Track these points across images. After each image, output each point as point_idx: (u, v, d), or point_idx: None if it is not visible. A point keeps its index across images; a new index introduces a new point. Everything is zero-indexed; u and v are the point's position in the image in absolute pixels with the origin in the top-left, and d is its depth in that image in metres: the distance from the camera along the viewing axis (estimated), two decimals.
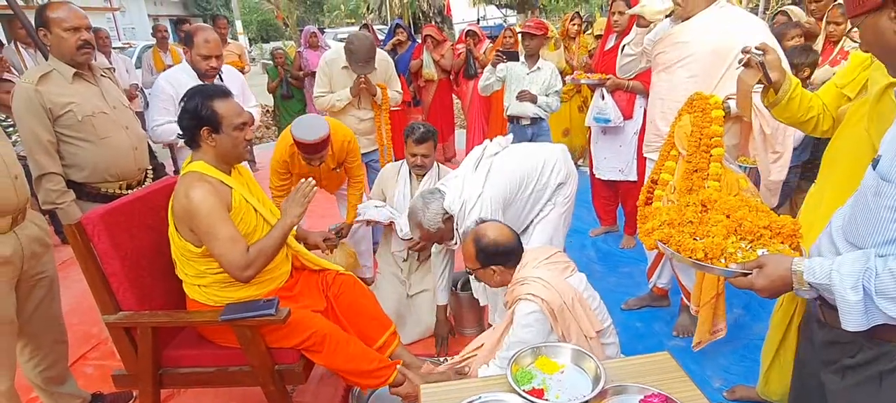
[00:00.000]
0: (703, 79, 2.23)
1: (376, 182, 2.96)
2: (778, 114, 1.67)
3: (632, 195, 3.64)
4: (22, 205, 1.87)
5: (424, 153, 2.69)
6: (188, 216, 1.76)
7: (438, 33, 5.83)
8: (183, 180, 1.81)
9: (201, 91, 1.88)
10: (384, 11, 25.68)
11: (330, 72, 3.42)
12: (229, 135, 1.84)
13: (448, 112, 6.13)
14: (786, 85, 1.58)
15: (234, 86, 2.96)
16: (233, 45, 5.93)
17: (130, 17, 23.92)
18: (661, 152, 2.28)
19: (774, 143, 2.13)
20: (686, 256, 1.22)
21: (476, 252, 1.90)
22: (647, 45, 2.50)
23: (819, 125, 1.66)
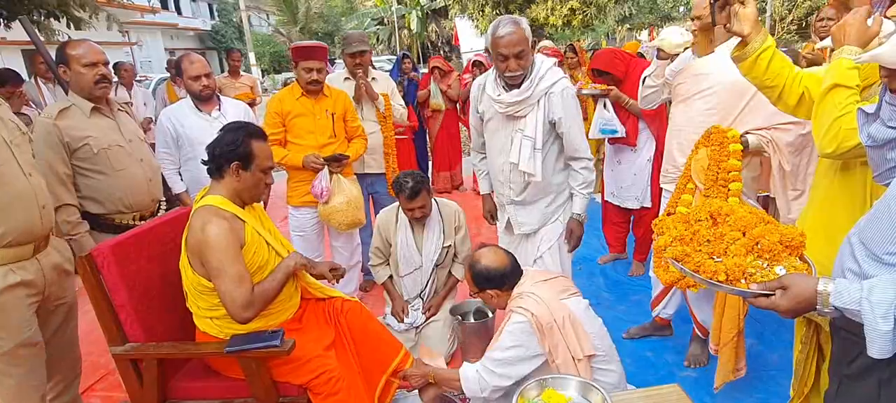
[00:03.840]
0: (720, 113, 2.22)
1: (376, 229, 2.91)
2: (745, 70, 1.62)
3: (645, 221, 3.63)
4: (46, 234, 1.91)
5: (420, 205, 2.63)
6: (201, 249, 1.79)
7: (445, 64, 5.93)
8: (199, 213, 1.84)
9: (246, 127, 1.96)
10: (394, 42, 26.22)
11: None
12: (255, 175, 1.92)
13: (455, 141, 6.18)
14: (755, 42, 1.53)
15: (240, 116, 3.02)
16: (245, 77, 6.06)
17: (148, 51, 24.57)
18: (677, 185, 2.27)
19: (795, 181, 2.11)
20: (706, 277, 1.20)
21: (472, 277, 1.96)
22: (668, 76, 2.49)
23: (783, 96, 1.60)
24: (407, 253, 2.79)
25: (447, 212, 2.83)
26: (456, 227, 2.85)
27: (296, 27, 23.92)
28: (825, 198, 1.53)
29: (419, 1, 24.68)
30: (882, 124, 1.18)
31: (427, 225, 2.77)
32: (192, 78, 2.85)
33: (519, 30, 2.16)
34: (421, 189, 2.62)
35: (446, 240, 2.81)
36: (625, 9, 15.61)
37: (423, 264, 2.81)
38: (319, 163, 2.85)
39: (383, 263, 2.94)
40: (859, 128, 1.25)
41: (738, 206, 1.29)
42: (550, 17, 14.50)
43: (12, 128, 1.86)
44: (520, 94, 2.26)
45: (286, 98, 2.95)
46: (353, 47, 3.34)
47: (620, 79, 3.44)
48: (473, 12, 15.87)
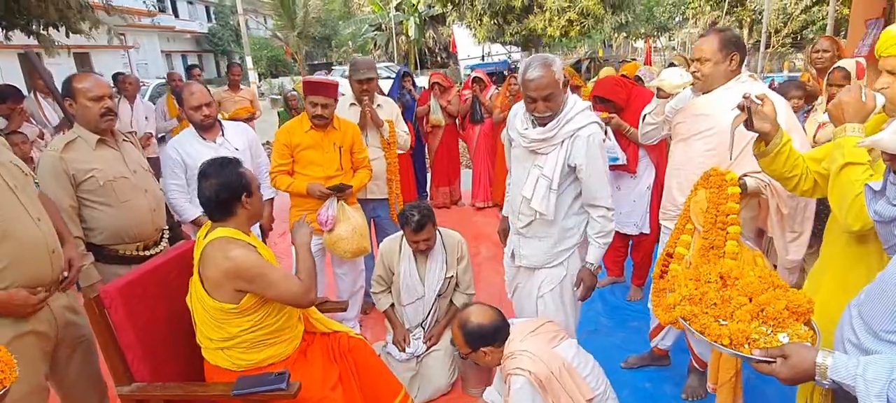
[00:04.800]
0: (719, 154, 2.22)
1: (379, 259, 2.93)
2: (765, 165, 1.72)
3: (643, 247, 3.68)
4: (56, 278, 1.93)
5: (425, 238, 2.66)
6: (233, 275, 1.83)
7: (445, 80, 5.96)
8: (212, 248, 1.87)
9: (230, 163, 2.00)
10: (391, 48, 26.27)
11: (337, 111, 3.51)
12: (257, 196, 2.03)
13: (454, 156, 6.21)
14: (776, 139, 1.63)
15: (243, 141, 3.07)
16: (245, 90, 6.07)
17: (144, 53, 24.46)
18: (676, 224, 2.29)
19: (793, 223, 2.14)
20: (711, 340, 1.24)
21: (463, 338, 1.98)
22: (668, 113, 2.50)
23: (800, 184, 1.71)
24: (410, 283, 2.81)
25: (450, 243, 2.85)
26: (458, 258, 2.87)
27: (293, 31, 23.88)
28: (841, 265, 1.55)
29: (417, 8, 24.74)
30: (888, 202, 1.22)
31: (430, 255, 2.79)
32: (193, 108, 2.87)
33: (549, 73, 2.09)
34: (427, 222, 2.64)
35: (449, 271, 2.83)
36: (622, 17, 15.70)
37: (426, 294, 2.83)
38: (325, 193, 2.87)
39: (385, 291, 2.96)
40: (867, 203, 1.29)
41: (748, 270, 1.32)
42: (548, 28, 14.56)
43: (15, 172, 1.86)
44: (543, 133, 2.24)
45: (296, 130, 2.97)
46: (361, 74, 3.35)
47: (622, 107, 3.49)
48: (471, 21, 15.91)
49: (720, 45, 2.22)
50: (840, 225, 1.46)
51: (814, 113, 3.35)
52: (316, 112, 2.88)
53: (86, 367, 2.14)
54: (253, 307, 1.91)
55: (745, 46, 2.31)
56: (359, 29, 26.92)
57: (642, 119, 2.64)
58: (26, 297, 1.78)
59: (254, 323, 1.93)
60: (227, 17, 31.30)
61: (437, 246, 2.79)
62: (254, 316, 1.93)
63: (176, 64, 29.81)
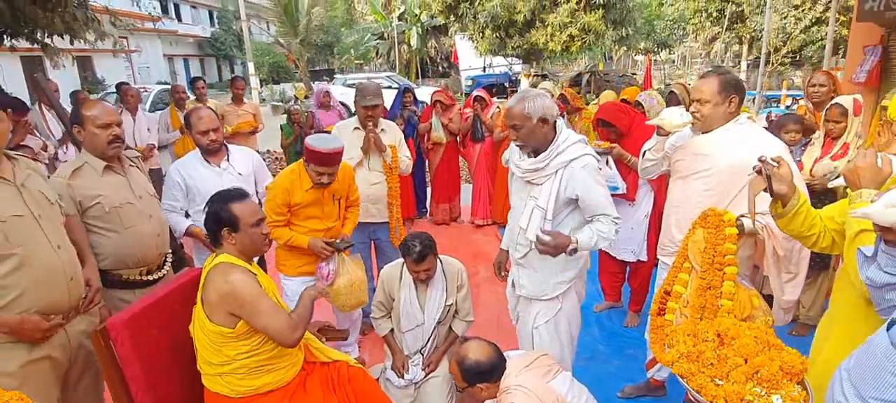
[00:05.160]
0: (717, 194, 2.27)
1: (379, 284, 2.93)
2: (783, 225, 1.77)
3: (641, 273, 3.72)
4: (75, 304, 1.98)
5: (426, 268, 2.67)
6: (229, 298, 1.89)
7: (448, 98, 6.01)
8: (217, 271, 1.95)
9: (220, 196, 2.07)
10: (393, 57, 26.38)
11: (340, 136, 3.49)
12: (247, 233, 2.04)
13: (455, 173, 6.25)
14: (794, 200, 1.68)
15: (248, 166, 3.10)
16: (248, 104, 6.11)
17: (146, 57, 24.57)
18: (674, 263, 2.32)
19: (788, 264, 2.18)
20: (707, 400, 1.28)
21: (461, 374, 2.01)
22: (668, 150, 2.55)
23: (818, 242, 1.76)
24: (410, 310, 2.83)
25: (450, 271, 2.88)
26: (458, 286, 2.89)
27: (296, 38, 23.98)
28: (849, 319, 1.58)
29: (419, 18, 24.86)
30: (879, 269, 1.26)
31: (431, 283, 2.81)
32: (201, 133, 2.91)
33: (519, 107, 2.25)
34: (428, 253, 2.65)
35: (449, 299, 2.86)
36: (622, 31, 15.81)
37: (426, 321, 2.86)
38: (329, 251, 2.86)
39: (385, 316, 2.98)
40: (859, 267, 1.33)
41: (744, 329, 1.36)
42: (550, 43, 14.64)
43: (40, 199, 1.91)
44: (534, 164, 2.32)
45: (295, 189, 2.82)
46: (368, 101, 3.38)
47: (623, 133, 3.54)
48: (474, 33, 16.00)
49: (720, 88, 2.27)
50: (852, 283, 1.49)
51: (811, 146, 3.40)
52: (321, 180, 2.79)
53: (92, 391, 2.17)
54: (248, 332, 1.96)
55: (744, 89, 2.35)
56: (361, 37, 27.01)
57: (642, 155, 2.68)
58: (38, 322, 1.82)
59: (251, 348, 1.98)
60: (229, 22, 31.42)
61: (438, 274, 2.81)
62: (251, 340, 1.97)
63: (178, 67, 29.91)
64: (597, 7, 14.18)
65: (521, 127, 2.26)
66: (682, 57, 32.29)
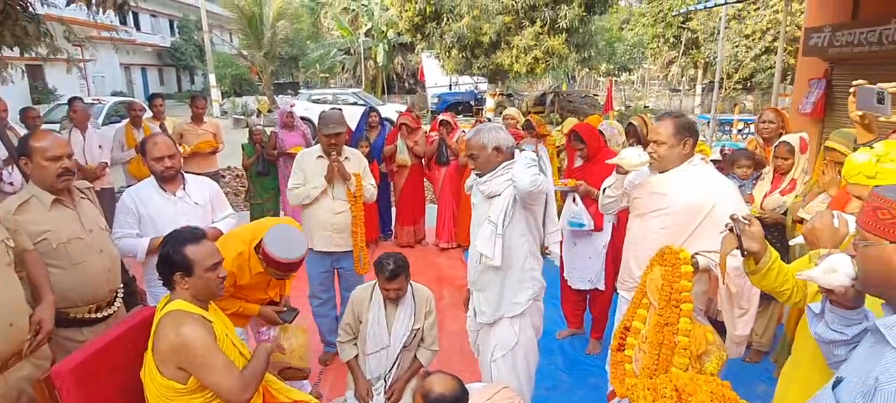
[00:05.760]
0: (673, 232, 2.35)
1: (349, 305, 2.92)
2: (756, 282, 1.80)
3: (600, 301, 3.79)
4: (16, 350, 1.86)
5: (396, 287, 2.70)
6: (180, 352, 1.80)
7: (413, 120, 6.03)
8: (168, 319, 1.85)
9: (173, 237, 1.98)
10: (359, 72, 26.30)
11: (304, 165, 3.47)
12: (202, 278, 1.94)
13: (419, 196, 6.25)
14: (765, 258, 1.71)
15: (205, 195, 2.98)
16: (208, 123, 5.95)
17: (101, 66, 23.65)
18: (633, 299, 2.39)
19: (740, 300, 2.27)
20: None
21: None
22: (627, 186, 2.64)
23: (792, 297, 1.80)
24: (376, 332, 2.83)
25: (420, 297, 2.89)
26: (426, 312, 2.91)
27: (260, 51, 23.63)
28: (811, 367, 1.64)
29: (386, 34, 24.92)
30: (826, 326, 1.32)
31: (400, 305, 2.82)
32: (155, 159, 2.79)
33: (475, 138, 2.50)
34: (401, 273, 2.69)
35: (416, 323, 2.87)
36: (585, 54, 16.27)
37: (391, 344, 2.85)
38: (279, 321, 2.76)
39: (351, 341, 2.94)
40: (809, 322, 1.39)
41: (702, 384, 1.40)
42: (515, 64, 14.92)
43: None
44: (482, 182, 2.53)
45: (243, 274, 2.57)
46: (331, 129, 3.34)
47: (591, 155, 3.65)
48: (440, 52, 16.14)
49: (675, 130, 2.36)
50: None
51: (761, 181, 3.55)
52: (280, 279, 2.70)
53: None
54: (201, 387, 1.88)
55: (697, 131, 2.45)
56: (327, 52, 26.84)
57: (603, 191, 2.76)
58: None
59: (205, 401, 1.90)
60: (191, 32, 30.72)
61: (408, 297, 2.83)
62: (204, 394, 1.90)
63: (135, 77, 29.00)
64: (560, 31, 14.54)
65: (477, 156, 2.49)
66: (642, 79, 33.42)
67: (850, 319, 1.29)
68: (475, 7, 14.39)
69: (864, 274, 1.17)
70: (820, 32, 6.48)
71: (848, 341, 1.30)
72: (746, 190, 3.58)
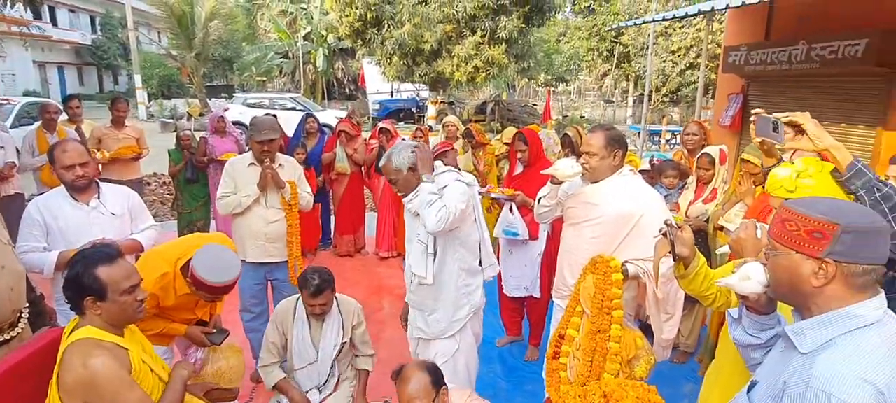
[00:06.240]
0: (605, 241, 2.43)
1: (271, 322, 2.78)
2: (685, 286, 1.89)
3: (536, 309, 3.85)
4: None
5: (322, 302, 2.62)
6: (87, 387, 1.63)
7: (353, 128, 5.93)
8: (74, 349, 1.67)
9: (84, 257, 1.79)
10: (298, 77, 25.66)
11: (234, 172, 3.32)
12: (116, 302, 1.76)
13: (359, 204, 6.15)
14: (694, 263, 1.81)
15: (122, 205, 2.78)
16: (130, 127, 5.58)
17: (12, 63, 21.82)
18: (567, 307, 2.44)
19: (666, 305, 2.37)
20: None
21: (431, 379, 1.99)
22: (561, 196, 2.71)
23: (716, 301, 1.90)
24: (302, 348, 2.75)
25: (347, 309, 2.83)
26: (354, 325, 2.85)
27: (191, 52, 22.57)
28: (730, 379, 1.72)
29: (326, 39, 24.48)
30: (744, 330, 1.39)
31: (326, 320, 2.75)
32: (65, 168, 2.56)
33: (388, 163, 2.51)
34: (326, 288, 2.63)
35: (344, 336, 2.82)
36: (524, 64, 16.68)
37: (320, 360, 2.78)
38: (207, 343, 2.56)
39: (276, 363, 2.81)
40: (729, 327, 1.45)
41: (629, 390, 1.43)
42: (456, 73, 15.06)
43: None
44: (407, 201, 2.53)
45: (167, 295, 2.39)
46: (263, 135, 3.19)
47: (533, 159, 3.71)
48: (381, 59, 16.03)
49: (605, 142, 2.45)
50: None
51: (686, 190, 3.75)
52: (209, 301, 2.52)
53: None
54: None
55: (626, 143, 2.55)
56: (264, 54, 25.99)
57: (538, 201, 2.82)
58: None
59: None
60: (114, 30, 28.93)
61: (334, 311, 2.78)
62: None
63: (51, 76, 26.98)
64: (500, 41, 14.82)
65: (397, 180, 2.51)
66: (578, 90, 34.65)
67: (763, 324, 1.36)
68: (416, 15, 14.40)
69: (774, 282, 1.23)
70: (737, 51, 6.95)
71: (762, 344, 1.38)
72: (673, 198, 3.77)
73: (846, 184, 1.62)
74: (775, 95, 6.57)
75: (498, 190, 3.76)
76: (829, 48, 5.21)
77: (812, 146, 1.66)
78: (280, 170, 3.32)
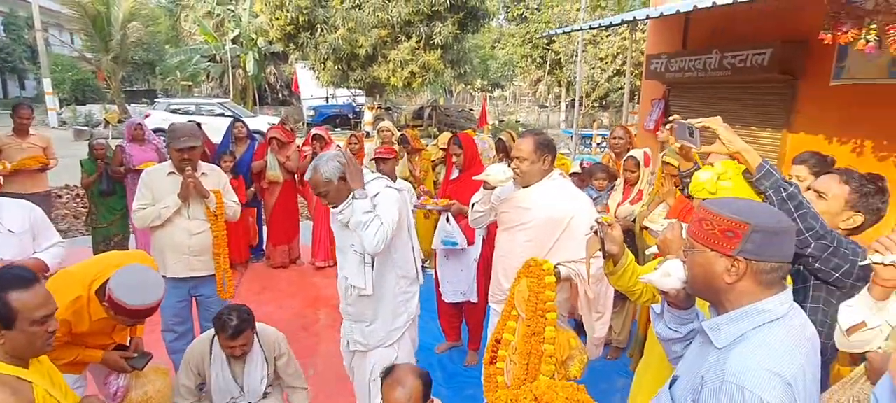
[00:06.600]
0: (538, 244, 2.47)
1: (183, 364, 2.59)
2: (614, 282, 1.96)
3: (474, 314, 3.86)
4: None
5: (242, 344, 2.47)
6: None
7: (284, 134, 5.74)
8: None
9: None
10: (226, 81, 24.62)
11: (151, 182, 3.10)
12: (25, 332, 1.59)
13: (293, 214, 5.97)
14: (623, 260, 1.86)
15: (23, 221, 2.53)
16: (35, 136, 5.13)
17: None
18: (503, 311, 2.46)
19: (597, 305, 2.44)
20: None
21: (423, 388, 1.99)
22: (494, 201, 2.73)
23: (642, 296, 1.99)
24: (223, 386, 2.60)
25: (267, 342, 2.70)
26: (277, 355, 2.72)
27: (108, 55, 21.10)
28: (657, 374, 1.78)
29: (256, 43, 23.65)
30: (665, 325, 1.44)
31: (248, 358, 2.61)
32: None
33: (316, 175, 2.38)
34: (246, 328, 2.47)
35: (269, 368, 2.69)
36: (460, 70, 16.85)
37: (246, 394, 2.65)
38: (127, 369, 2.39)
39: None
40: (653, 321, 1.50)
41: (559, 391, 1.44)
42: (392, 78, 14.98)
43: None
44: (337, 212, 2.43)
45: (81, 321, 2.21)
46: (182, 143, 3.01)
47: (467, 164, 3.72)
48: (315, 63, 15.68)
49: (535, 147, 2.50)
50: None
51: (614, 192, 3.89)
52: (129, 325, 2.34)
53: None
54: None
55: (555, 148, 2.61)
56: (189, 58, 24.71)
57: (471, 206, 2.83)
58: None
59: None
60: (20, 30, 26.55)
61: (255, 347, 2.63)
62: None
63: None
64: (436, 47, 14.89)
65: (327, 192, 2.39)
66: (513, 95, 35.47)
67: (683, 318, 1.42)
68: (350, 19, 14.21)
69: (691, 278, 1.29)
70: (658, 59, 7.33)
71: (683, 338, 1.44)
72: (603, 200, 3.90)
73: (756, 184, 1.72)
74: (694, 100, 6.98)
75: (432, 201, 3.75)
76: (738, 57, 5.59)
77: (725, 149, 1.76)
78: (203, 178, 3.15)
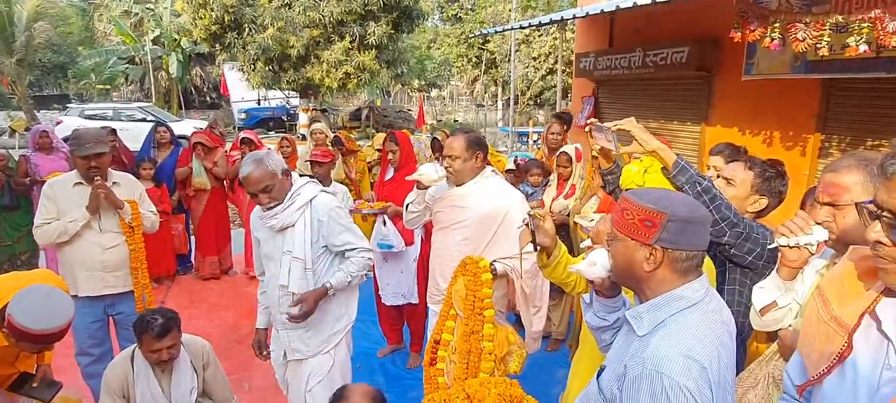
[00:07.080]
0: (473, 242, 2.48)
1: (103, 391, 2.40)
2: (548, 274, 1.99)
3: (415, 315, 3.83)
4: None
5: (169, 345, 2.34)
6: None
7: (211, 139, 5.46)
8: None
9: None
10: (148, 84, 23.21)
11: (55, 195, 2.83)
12: None
13: (223, 222, 5.70)
14: (556, 252, 1.89)
15: None
16: None
17: None
18: (441, 312, 2.44)
19: (534, 300, 2.47)
20: None
21: None
22: (429, 201, 2.71)
23: (576, 287, 2.04)
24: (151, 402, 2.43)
25: (194, 350, 2.57)
26: (204, 364, 2.59)
27: (11, 57, 19.39)
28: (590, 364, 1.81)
29: (180, 43, 22.44)
30: (594, 314, 1.46)
31: (174, 367, 2.46)
32: None
33: (261, 167, 2.24)
34: (172, 326, 2.35)
35: (198, 378, 2.56)
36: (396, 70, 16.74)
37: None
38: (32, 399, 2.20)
39: None
40: (583, 311, 1.53)
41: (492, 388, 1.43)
42: (326, 79, 14.64)
43: None
44: (274, 217, 2.31)
45: None
46: (87, 150, 2.75)
47: (404, 161, 3.67)
48: (244, 65, 15.07)
49: (466, 145, 2.50)
50: None
51: (549, 187, 3.97)
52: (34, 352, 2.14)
53: None
54: None
55: (487, 146, 2.63)
56: (105, 60, 23.06)
57: (406, 207, 2.80)
58: None
59: None
60: None
61: (181, 356, 2.49)
62: None
63: None
64: (370, 47, 14.69)
65: (272, 186, 2.26)
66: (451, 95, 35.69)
67: (610, 306, 1.45)
68: (279, 19, 13.76)
69: (614, 267, 1.31)
70: (587, 57, 7.58)
71: (610, 326, 1.47)
72: (538, 196, 3.97)
73: (673, 180, 1.80)
74: (622, 97, 7.27)
75: (367, 205, 3.68)
76: (660, 55, 5.87)
77: (642, 149, 1.84)
78: (115, 188, 2.91)
